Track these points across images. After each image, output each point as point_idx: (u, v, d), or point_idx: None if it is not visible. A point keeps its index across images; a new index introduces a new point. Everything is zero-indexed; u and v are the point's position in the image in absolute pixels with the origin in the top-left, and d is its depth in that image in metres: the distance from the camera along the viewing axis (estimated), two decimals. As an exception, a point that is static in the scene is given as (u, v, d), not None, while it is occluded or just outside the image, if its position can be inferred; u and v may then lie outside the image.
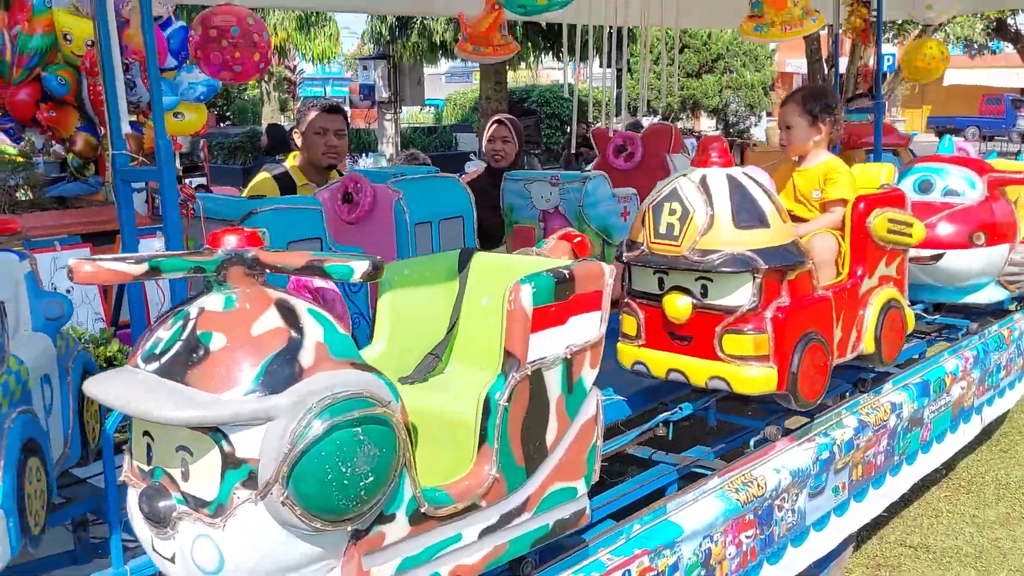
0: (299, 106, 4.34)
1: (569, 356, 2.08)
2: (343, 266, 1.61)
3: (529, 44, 21.55)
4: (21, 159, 12.59)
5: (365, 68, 23.19)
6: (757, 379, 2.87)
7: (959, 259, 4.03)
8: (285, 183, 3.98)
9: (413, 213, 3.22)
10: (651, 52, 5.90)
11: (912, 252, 3.92)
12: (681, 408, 3.16)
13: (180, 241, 2.45)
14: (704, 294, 2.89)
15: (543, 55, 22.60)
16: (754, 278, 2.82)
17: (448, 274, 2.51)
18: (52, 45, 6.41)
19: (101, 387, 1.63)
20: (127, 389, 1.59)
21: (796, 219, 3.50)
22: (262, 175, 4.04)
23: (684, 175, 2.94)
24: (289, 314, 1.66)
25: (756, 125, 24.83)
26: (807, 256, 2.97)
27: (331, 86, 31.16)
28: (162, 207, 2.45)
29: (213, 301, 1.66)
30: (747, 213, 2.84)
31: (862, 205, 3.29)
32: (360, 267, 1.60)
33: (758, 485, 2.93)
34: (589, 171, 3.94)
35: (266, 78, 24.23)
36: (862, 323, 3.29)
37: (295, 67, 27.68)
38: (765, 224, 2.85)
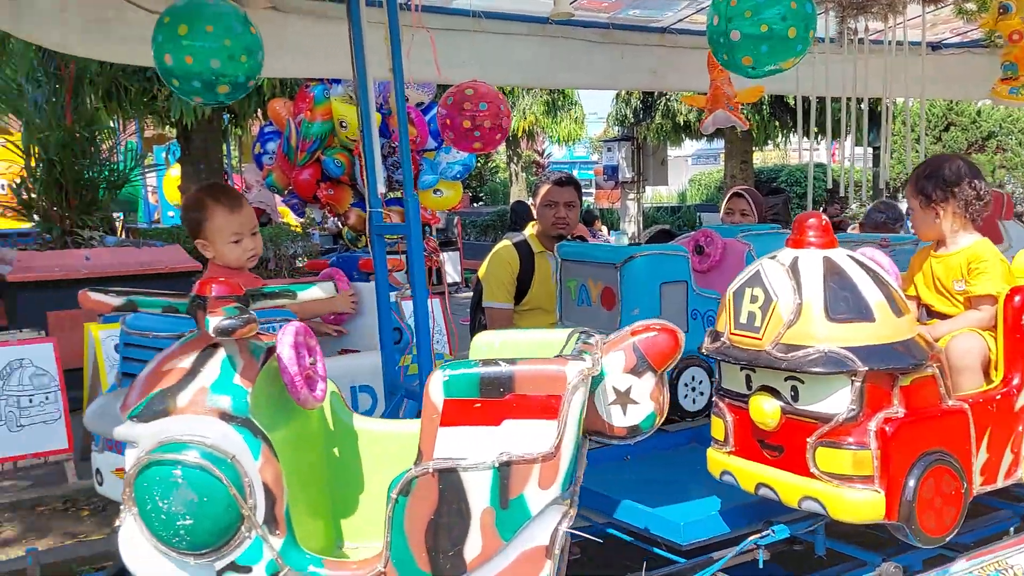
0: (537, 179, 4.62)
1: (500, 464, 1.76)
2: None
3: (776, 123, 20.82)
4: (300, 230, 14.16)
5: (609, 150, 23.59)
6: (860, 505, 2.35)
7: None
8: (523, 250, 4.19)
9: None
10: (912, 130, 5.64)
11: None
12: (774, 531, 2.67)
13: (424, 287, 2.98)
14: (795, 398, 2.44)
15: (791, 134, 21.76)
16: (852, 382, 2.34)
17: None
18: (330, 131, 7.33)
19: None
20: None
21: (937, 315, 2.93)
22: (504, 242, 4.28)
23: (772, 257, 2.54)
24: (203, 359, 1.91)
25: (1037, 206, 22.21)
26: (931, 358, 2.43)
27: (577, 169, 31.92)
28: (407, 257, 2.94)
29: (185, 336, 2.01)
30: (845, 303, 2.38)
31: (1017, 298, 2.66)
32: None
33: (1015, 574, 2.67)
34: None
35: (515, 160, 25.26)
36: (1020, 442, 2.64)
37: (543, 150, 28.62)
38: (868, 317, 2.37)
